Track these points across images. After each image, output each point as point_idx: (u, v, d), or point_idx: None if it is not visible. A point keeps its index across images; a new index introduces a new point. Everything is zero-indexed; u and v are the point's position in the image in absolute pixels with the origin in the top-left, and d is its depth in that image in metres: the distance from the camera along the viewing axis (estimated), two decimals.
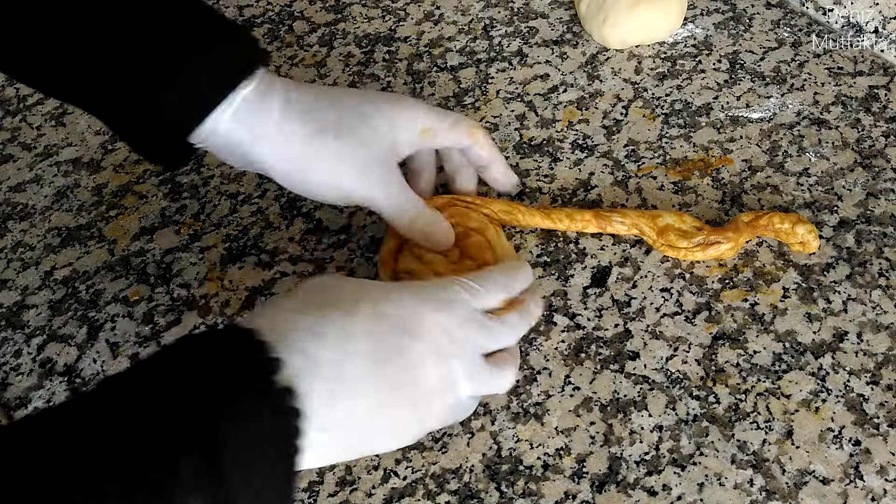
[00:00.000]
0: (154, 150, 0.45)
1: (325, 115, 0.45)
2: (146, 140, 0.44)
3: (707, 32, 0.65)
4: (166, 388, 0.31)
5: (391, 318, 0.37)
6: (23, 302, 0.55)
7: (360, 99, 0.47)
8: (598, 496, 0.43)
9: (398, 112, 0.47)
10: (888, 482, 0.41)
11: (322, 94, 0.46)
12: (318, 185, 0.46)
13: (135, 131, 0.44)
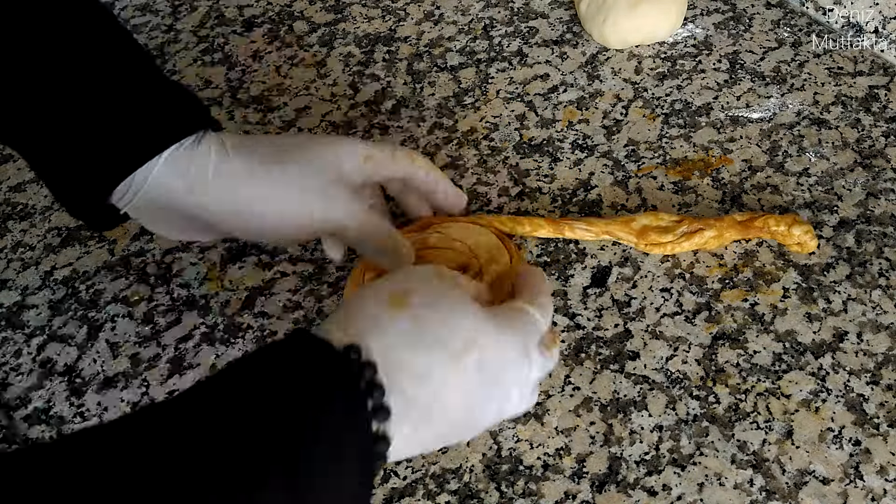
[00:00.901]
0: (78, 206, 0.43)
1: (265, 150, 0.45)
2: (70, 194, 0.43)
3: (707, 32, 0.65)
4: (257, 409, 0.30)
5: (489, 370, 0.36)
6: (23, 302, 0.55)
7: (299, 135, 0.47)
8: (598, 496, 0.43)
9: (338, 143, 0.47)
10: (888, 482, 0.41)
11: (258, 137, 0.46)
12: (268, 219, 0.44)
13: (58, 183, 0.43)
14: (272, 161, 0.44)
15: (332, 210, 0.44)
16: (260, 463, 0.29)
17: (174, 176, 0.43)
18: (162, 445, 0.28)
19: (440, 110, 0.62)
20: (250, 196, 0.44)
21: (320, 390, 0.31)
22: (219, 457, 0.28)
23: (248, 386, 0.31)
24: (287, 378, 0.31)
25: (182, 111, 0.44)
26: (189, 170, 0.43)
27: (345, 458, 0.31)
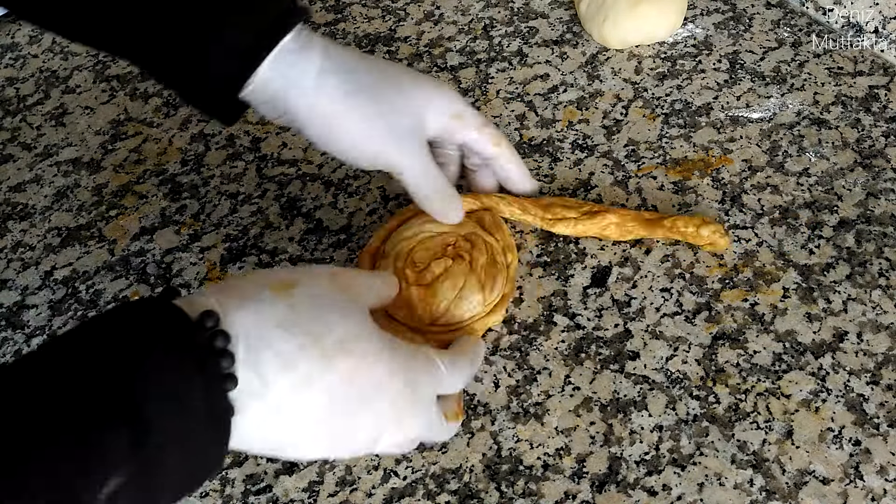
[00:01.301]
0: (208, 106, 0.44)
1: (363, 77, 0.45)
2: (200, 97, 0.44)
3: (707, 32, 0.65)
4: (109, 362, 0.30)
5: (359, 384, 0.36)
6: (23, 302, 0.55)
7: (400, 70, 0.48)
8: (598, 496, 0.43)
9: (434, 91, 0.48)
10: (888, 482, 0.41)
11: (362, 58, 0.46)
12: (347, 144, 0.45)
13: (187, 89, 0.44)
14: (366, 92, 0.45)
15: (398, 153, 0.46)
16: (101, 413, 0.29)
17: (279, 79, 0.43)
18: (11, 397, 0.29)
19: None
20: (333, 116, 0.45)
21: (168, 348, 0.31)
22: (57, 409, 0.29)
23: (98, 338, 0.31)
24: (136, 337, 0.31)
25: (279, 4, 0.43)
26: (291, 76, 0.43)
27: (188, 411, 0.31)
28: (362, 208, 0.57)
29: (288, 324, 0.35)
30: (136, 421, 0.29)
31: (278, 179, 0.60)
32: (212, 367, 0.32)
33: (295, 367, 0.34)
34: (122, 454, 0.29)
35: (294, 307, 0.35)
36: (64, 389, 0.29)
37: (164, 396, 0.30)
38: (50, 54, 0.74)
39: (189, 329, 0.32)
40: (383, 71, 0.47)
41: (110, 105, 0.68)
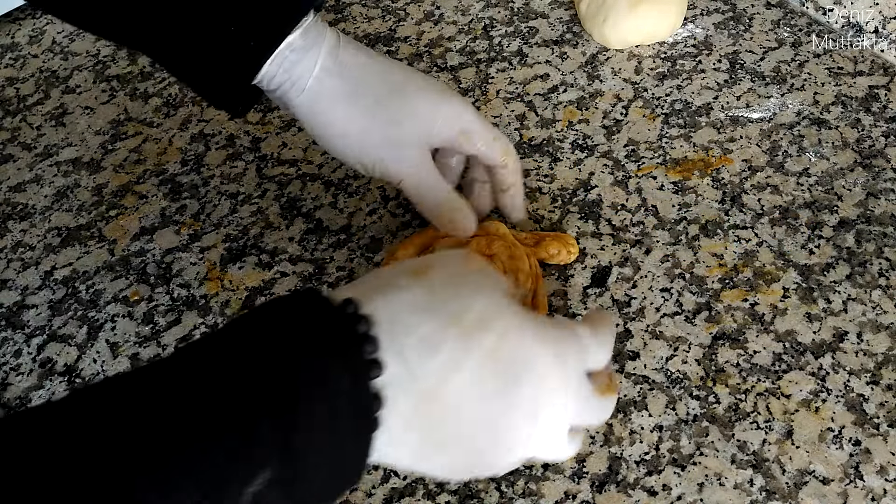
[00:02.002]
0: (217, 98, 0.44)
1: (366, 81, 0.44)
2: (209, 90, 0.44)
3: (707, 32, 0.65)
4: (255, 356, 0.30)
5: (506, 359, 0.33)
6: (23, 302, 0.55)
7: (408, 76, 0.46)
8: (598, 496, 0.43)
9: (442, 101, 0.46)
10: (888, 482, 0.41)
11: (371, 60, 0.45)
12: (344, 148, 0.45)
13: (197, 82, 0.44)
14: (367, 97, 0.44)
15: (395, 163, 0.45)
16: (249, 406, 0.28)
17: (282, 75, 0.43)
18: (158, 391, 0.28)
19: None
20: (331, 119, 0.44)
21: (310, 337, 0.30)
22: (205, 401, 0.28)
23: (242, 336, 0.31)
24: (280, 327, 0.31)
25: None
26: (294, 72, 0.43)
27: (336, 402, 0.30)
28: (362, 208, 0.57)
29: (427, 304, 0.33)
30: (285, 414, 0.28)
31: (278, 179, 0.60)
32: (355, 352, 0.31)
33: (438, 349, 0.32)
34: (268, 449, 0.28)
35: (432, 289, 0.34)
36: (213, 382, 0.29)
37: (312, 385, 0.29)
38: (50, 54, 0.74)
39: (332, 315, 0.31)
40: (390, 75, 0.46)
41: (110, 105, 0.68)
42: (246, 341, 0.30)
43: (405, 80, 0.46)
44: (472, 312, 0.33)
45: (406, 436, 0.32)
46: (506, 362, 0.33)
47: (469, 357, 0.32)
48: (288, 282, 0.53)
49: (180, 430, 0.27)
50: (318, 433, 0.29)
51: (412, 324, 0.32)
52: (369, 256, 0.54)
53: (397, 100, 0.45)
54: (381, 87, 0.45)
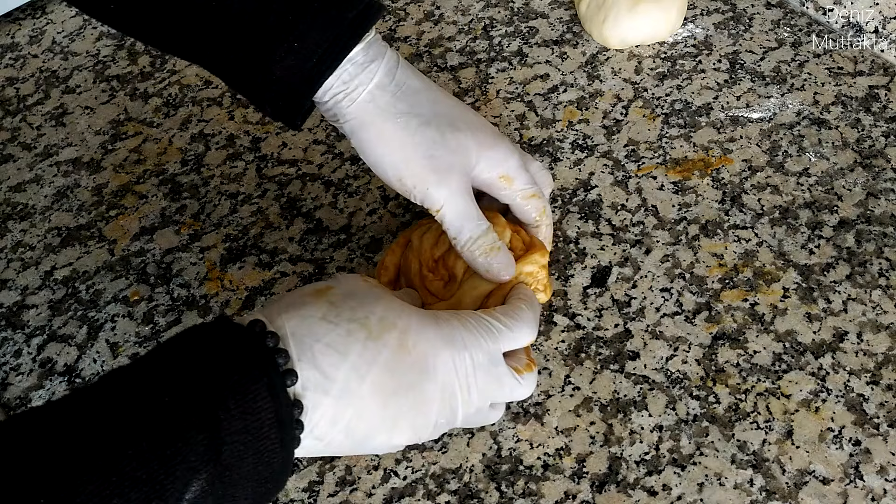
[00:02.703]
0: (276, 110, 0.44)
1: (421, 103, 0.44)
2: (268, 103, 0.44)
3: (707, 32, 0.65)
4: (178, 377, 0.32)
5: (412, 354, 0.37)
6: (23, 302, 0.55)
7: (461, 111, 0.46)
8: (598, 496, 0.43)
9: (491, 146, 0.45)
10: (888, 482, 0.41)
11: (427, 86, 0.45)
12: (388, 166, 0.44)
13: (257, 95, 0.44)
14: (418, 119, 0.44)
15: (436, 188, 0.44)
16: (178, 422, 0.31)
17: (339, 82, 0.43)
18: (97, 410, 0.31)
19: None
20: (379, 134, 0.44)
21: (226, 357, 0.33)
22: (139, 419, 0.30)
23: (161, 364, 0.33)
24: (197, 352, 0.33)
25: (352, 9, 0.42)
26: (350, 83, 0.43)
27: (257, 411, 0.32)
28: (362, 208, 0.57)
29: (331, 315, 0.36)
30: (212, 427, 0.31)
31: (278, 179, 0.60)
32: (269, 365, 0.33)
33: (348, 352, 0.36)
34: (201, 458, 0.30)
35: (334, 302, 0.37)
36: (144, 402, 0.31)
37: (233, 398, 0.32)
38: (50, 54, 0.74)
39: (242, 335, 0.34)
40: (443, 106, 0.45)
41: (110, 105, 0.68)
42: (166, 368, 0.33)
43: (458, 114, 0.46)
44: (375, 315, 0.37)
45: (334, 431, 0.36)
46: (414, 355, 0.37)
47: (379, 355, 0.36)
48: (288, 282, 0.53)
49: (120, 443, 0.29)
50: (243, 441, 0.32)
51: (319, 333, 0.36)
52: (369, 256, 0.54)
53: (447, 129, 0.44)
54: (432, 113, 0.44)
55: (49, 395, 0.50)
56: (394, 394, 0.37)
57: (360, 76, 0.43)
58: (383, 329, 0.37)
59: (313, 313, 0.36)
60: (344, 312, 0.37)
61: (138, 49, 0.73)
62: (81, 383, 0.50)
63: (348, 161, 0.60)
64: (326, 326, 0.36)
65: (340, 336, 0.36)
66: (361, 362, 0.36)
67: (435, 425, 0.39)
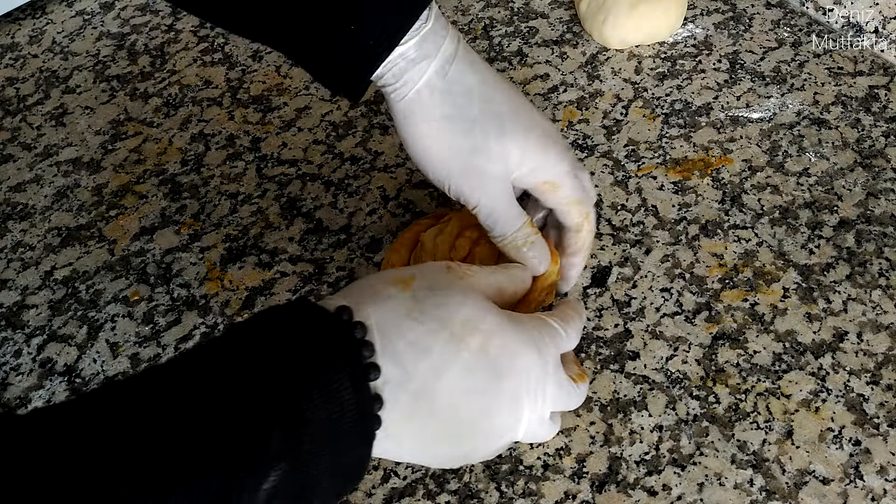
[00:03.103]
0: (337, 84, 0.44)
1: (471, 104, 0.43)
2: (329, 77, 0.43)
3: (707, 32, 0.65)
4: (261, 361, 0.32)
5: (492, 357, 0.37)
6: (23, 302, 0.55)
7: (517, 111, 0.45)
8: (598, 496, 0.43)
9: (540, 151, 0.44)
10: (888, 482, 0.41)
11: (481, 83, 0.44)
12: (428, 164, 0.44)
13: (321, 71, 0.43)
14: (463, 123, 0.43)
15: (471, 191, 0.44)
16: (260, 414, 0.30)
17: (390, 75, 0.42)
18: (169, 403, 0.30)
19: None
20: (422, 133, 0.43)
21: (310, 345, 0.32)
22: (216, 414, 0.30)
23: (243, 346, 0.32)
24: (280, 336, 0.33)
25: None
26: (402, 76, 0.42)
27: (339, 404, 0.32)
28: (362, 208, 0.57)
29: (415, 313, 0.36)
30: (293, 416, 0.30)
31: (278, 179, 0.60)
32: (354, 357, 0.33)
33: (430, 351, 0.35)
34: (280, 448, 0.30)
35: (419, 298, 0.37)
36: (225, 385, 0.30)
37: (316, 390, 0.31)
38: (50, 54, 0.74)
39: (329, 323, 0.34)
40: (495, 104, 0.44)
41: (110, 105, 0.68)
42: (248, 350, 0.32)
43: (511, 114, 0.44)
44: (459, 316, 0.37)
45: (404, 431, 0.35)
46: (493, 357, 0.37)
47: (459, 356, 0.36)
48: (288, 282, 0.53)
49: (199, 431, 0.29)
50: (323, 435, 0.31)
51: (403, 329, 0.35)
52: (369, 256, 0.54)
53: (492, 134, 0.44)
54: (481, 114, 0.43)
55: (49, 395, 0.50)
56: (468, 394, 0.36)
57: (411, 72, 0.42)
58: (465, 332, 0.36)
59: (399, 308, 0.36)
60: (428, 310, 0.36)
61: (138, 49, 0.73)
62: (81, 383, 0.50)
63: (348, 161, 0.60)
64: (411, 324, 0.36)
65: (423, 334, 0.36)
66: (440, 361, 0.35)
67: (502, 432, 0.38)
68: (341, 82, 0.43)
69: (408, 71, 0.42)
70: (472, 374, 0.36)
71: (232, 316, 0.52)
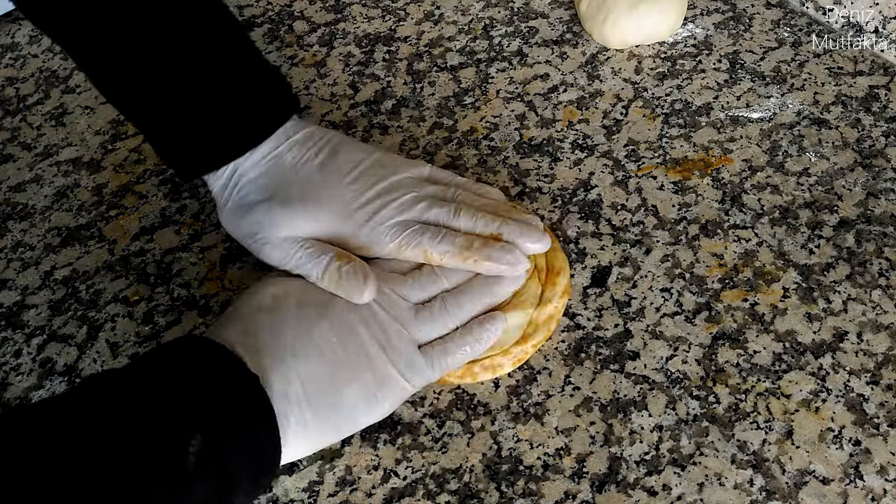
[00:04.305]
0: (185, 174, 0.51)
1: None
2: (180, 163, 0.51)
3: (707, 32, 0.65)
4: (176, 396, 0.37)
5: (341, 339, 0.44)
6: (23, 302, 0.55)
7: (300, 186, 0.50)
8: (598, 496, 0.43)
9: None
10: (888, 482, 0.41)
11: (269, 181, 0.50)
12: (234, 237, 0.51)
13: (175, 157, 0.50)
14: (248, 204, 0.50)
15: (268, 260, 0.50)
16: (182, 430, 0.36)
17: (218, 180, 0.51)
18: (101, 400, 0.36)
19: (440, 110, 0.62)
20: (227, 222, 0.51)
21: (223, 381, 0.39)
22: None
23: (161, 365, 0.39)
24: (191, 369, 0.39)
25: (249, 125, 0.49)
26: (222, 186, 0.51)
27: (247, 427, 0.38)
28: None
29: (277, 326, 0.44)
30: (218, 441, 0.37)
31: None
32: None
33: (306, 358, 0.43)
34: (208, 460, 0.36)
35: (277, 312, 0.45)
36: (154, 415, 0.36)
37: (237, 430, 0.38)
38: (50, 54, 0.74)
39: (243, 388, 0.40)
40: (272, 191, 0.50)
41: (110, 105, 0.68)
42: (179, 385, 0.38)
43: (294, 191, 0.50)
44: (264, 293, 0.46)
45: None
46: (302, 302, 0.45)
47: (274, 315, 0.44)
48: None
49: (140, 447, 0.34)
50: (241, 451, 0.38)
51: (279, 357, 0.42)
52: None
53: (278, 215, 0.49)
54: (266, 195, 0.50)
55: (49, 395, 0.50)
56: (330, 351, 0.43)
57: (213, 179, 0.51)
58: (274, 298, 0.45)
59: (266, 332, 0.43)
60: (287, 318, 0.44)
61: None
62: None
63: None
64: (280, 344, 0.43)
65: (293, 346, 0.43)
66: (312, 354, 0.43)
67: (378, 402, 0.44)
68: (176, 170, 0.50)
69: (223, 183, 0.50)
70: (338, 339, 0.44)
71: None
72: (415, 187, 0.50)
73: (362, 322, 0.44)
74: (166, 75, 0.47)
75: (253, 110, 0.49)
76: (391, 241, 0.48)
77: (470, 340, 0.46)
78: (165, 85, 0.47)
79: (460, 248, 0.47)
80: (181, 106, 0.47)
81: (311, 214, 0.48)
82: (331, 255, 0.46)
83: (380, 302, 0.45)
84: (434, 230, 0.48)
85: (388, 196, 0.49)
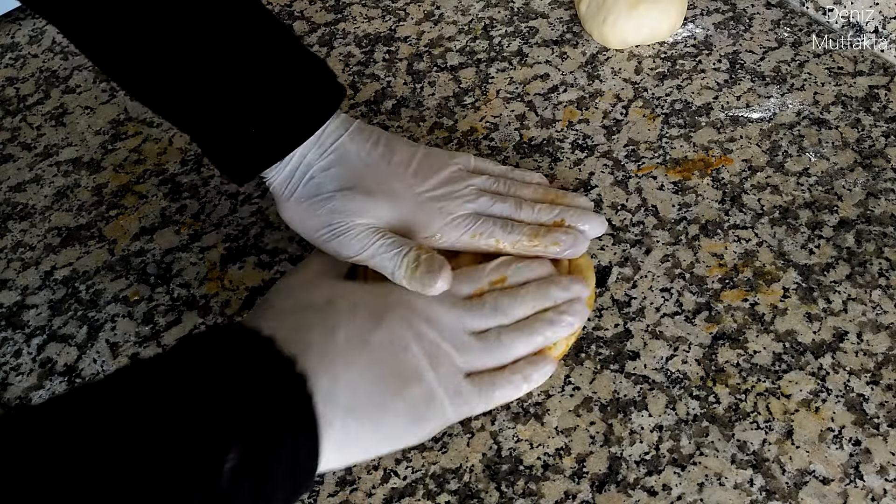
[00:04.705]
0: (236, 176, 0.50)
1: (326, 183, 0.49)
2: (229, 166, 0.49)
3: (707, 32, 0.65)
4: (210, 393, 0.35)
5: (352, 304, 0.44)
6: (23, 302, 0.55)
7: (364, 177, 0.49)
8: (598, 496, 0.43)
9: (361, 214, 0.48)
10: (888, 482, 0.41)
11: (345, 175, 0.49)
12: (298, 231, 0.50)
13: (223, 161, 0.49)
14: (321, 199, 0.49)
15: (343, 254, 0.48)
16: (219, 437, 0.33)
17: (277, 171, 0.49)
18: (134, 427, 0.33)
19: (440, 110, 0.62)
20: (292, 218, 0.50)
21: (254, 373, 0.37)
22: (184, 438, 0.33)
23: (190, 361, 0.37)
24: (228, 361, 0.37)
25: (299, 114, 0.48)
26: (269, 173, 0.49)
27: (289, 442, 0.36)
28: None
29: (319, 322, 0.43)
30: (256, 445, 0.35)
31: None
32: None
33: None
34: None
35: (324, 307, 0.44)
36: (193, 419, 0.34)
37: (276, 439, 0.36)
38: (50, 54, 0.74)
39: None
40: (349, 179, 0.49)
41: (110, 105, 0.68)
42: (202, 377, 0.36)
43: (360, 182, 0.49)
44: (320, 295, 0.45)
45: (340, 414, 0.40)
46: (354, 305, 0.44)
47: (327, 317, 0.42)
48: None
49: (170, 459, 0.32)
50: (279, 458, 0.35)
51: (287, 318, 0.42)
52: None
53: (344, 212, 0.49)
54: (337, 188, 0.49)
55: (49, 395, 0.50)
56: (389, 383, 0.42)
57: (275, 173, 0.49)
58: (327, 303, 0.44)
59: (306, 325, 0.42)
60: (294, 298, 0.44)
61: None
62: (81, 383, 0.50)
63: None
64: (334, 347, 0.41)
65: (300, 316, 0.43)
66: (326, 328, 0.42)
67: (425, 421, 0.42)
68: (234, 172, 0.49)
69: (275, 170, 0.49)
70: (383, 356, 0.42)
71: (232, 316, 0.52)
72: (468, 179, 0.51)
73: (416, 338, 0.43)
74: (218, 72, 0.46)
75: (310, 94, 0.48)
76: (464, 232, 0.49)
77: (518, 377, 0.45)
78: (217, 82, 0.46)
79: (529, 236, 0.49)
80: (236, 98, 0.46)
81: (391, 204, 0.48)
82: (412, 245, 0.47)
83: (435, 324, 0.44)
84: (503, 222, 0.49)
85: (450, 187, 0.50)
